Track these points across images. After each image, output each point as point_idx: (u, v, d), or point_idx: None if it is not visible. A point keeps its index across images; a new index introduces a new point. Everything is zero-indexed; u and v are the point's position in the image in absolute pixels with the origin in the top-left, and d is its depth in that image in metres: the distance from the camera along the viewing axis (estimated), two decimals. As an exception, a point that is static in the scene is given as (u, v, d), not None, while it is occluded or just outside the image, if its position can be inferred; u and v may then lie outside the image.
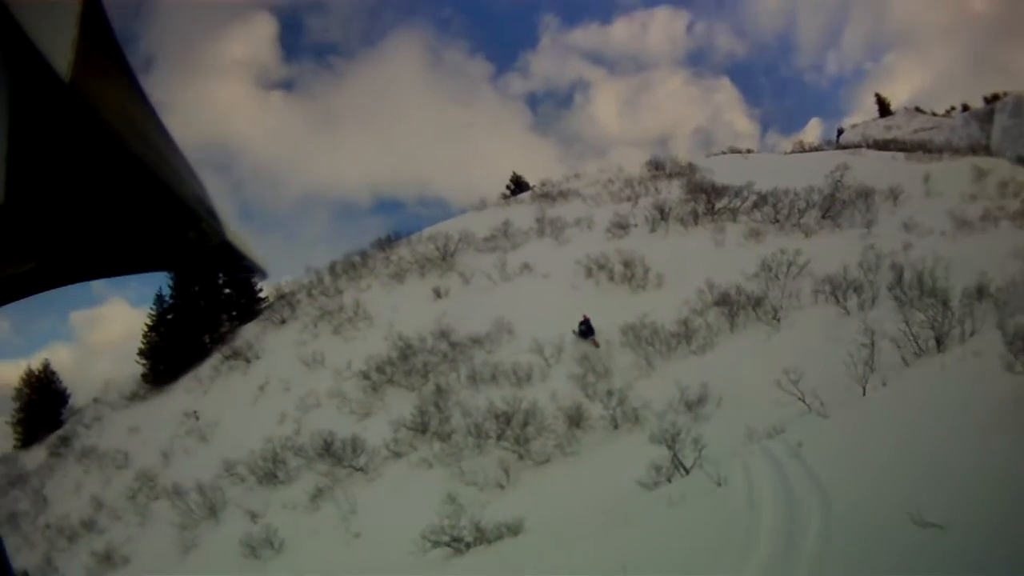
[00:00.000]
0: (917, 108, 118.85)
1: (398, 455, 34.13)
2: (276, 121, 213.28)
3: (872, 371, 25.14)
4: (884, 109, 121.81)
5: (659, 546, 16.01)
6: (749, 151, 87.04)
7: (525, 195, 73.09)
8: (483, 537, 22.72)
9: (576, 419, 31.69)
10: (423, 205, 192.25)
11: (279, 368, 47.49)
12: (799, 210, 50.19)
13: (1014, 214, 44.96)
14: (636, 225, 54.06)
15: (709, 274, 40.95)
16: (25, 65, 1.09)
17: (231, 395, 47.80)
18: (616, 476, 24.89)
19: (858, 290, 35.71)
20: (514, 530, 22.58)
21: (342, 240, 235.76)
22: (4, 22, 1.02)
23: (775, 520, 14.46)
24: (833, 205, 50.43)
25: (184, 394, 51.35)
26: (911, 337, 26.52)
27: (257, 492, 35.35)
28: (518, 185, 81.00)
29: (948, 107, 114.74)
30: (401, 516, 28.09)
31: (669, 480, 22.39)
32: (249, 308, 63.36)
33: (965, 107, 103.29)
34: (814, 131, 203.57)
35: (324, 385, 42.71)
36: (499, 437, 32.04)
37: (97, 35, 1.24)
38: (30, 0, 1.07)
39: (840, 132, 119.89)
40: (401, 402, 37.55)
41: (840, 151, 77.75)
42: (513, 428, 31.98)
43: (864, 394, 23.91)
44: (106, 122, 1.26)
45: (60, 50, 1.13)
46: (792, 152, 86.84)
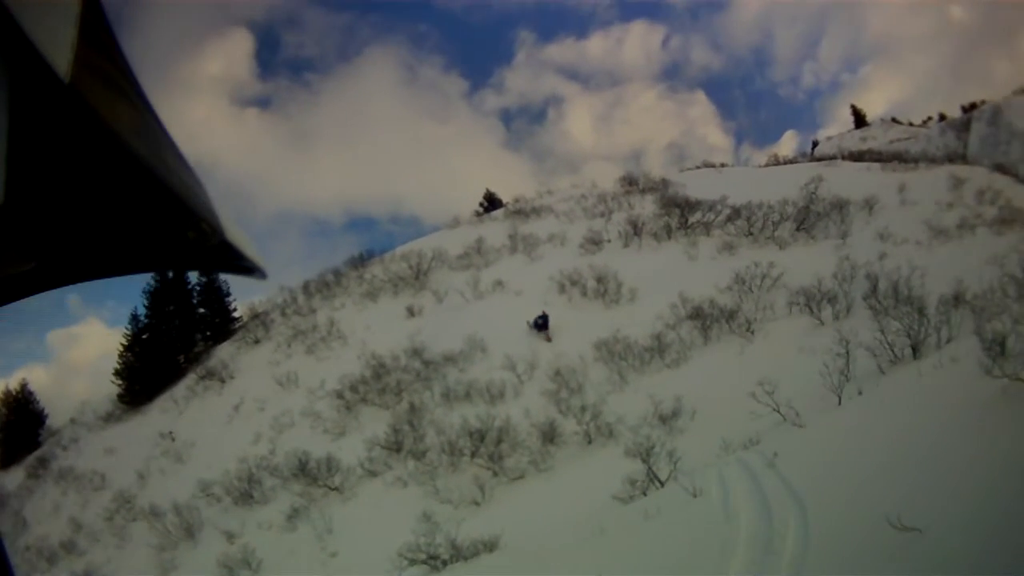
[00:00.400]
0: (893, 119, 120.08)
1: (373, 474, 33.85)
2: (250, 138, 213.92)
3: (847, 380, 24.98)
4: (860, 121, 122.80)
5: (636, 559, 15.85)
6: (723, 165, 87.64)
7: (498, 212, 73.31)
8: (459, 554, 22.55)
9: (550, 435, 31.52)
10: (396, 223, 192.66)
11: (253, 388, 47.25)
12: (773, 223, 50.29)
13: (991, 221, 45.10)
14: (609, 241, 54.11)
15: (682, 288, 40.97)
16: (25, 65, 1.06)
17: (206, 415, 47.54)
18: (591, 491, 24.78)
19: (832, 301, 35.72)
20: (490, 546, 22.42)
21: (315, 258, 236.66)
22: (4, 22, 1.00)
23: (752, 530, 14.28)
24: (807, 217, 50.51)
25: (160, 414, 51.07)
26: (887, 345, 26.40)
27: (233, 512, 35.02)
28: (491, 202, 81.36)
29: (925, 117, 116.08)
30: (377, 535, 27.89)
31: (644, 493, 22.29)
32: (223, 328, 63.37)
33: (942, 117, 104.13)
34: (789, 144, 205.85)
35: (298, 405, 42.51)
36: (473, 454, 31.84)
37: (97, 35, 1.22)
38: (30, 0, 1.04)
39: (815, 144, 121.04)
40: (375, 421, 37.31)
41: (815, 163, 78.46)
42: (487, 445, 31.79)
43: (840, 403, 23.81)
44: (105, 122, 1.22)
45: (60, 50, 1.11)
46: (767, 165, 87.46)
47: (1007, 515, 10.15)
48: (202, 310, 64.51)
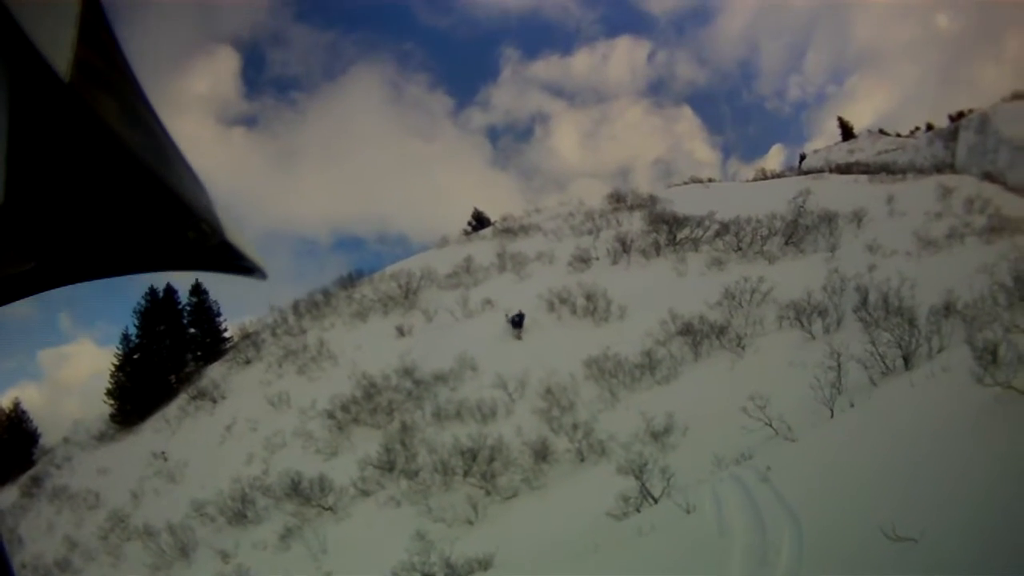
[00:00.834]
0: (880, 130, 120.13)
1: (366, 494, 33.82)
2: (237, 157, 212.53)
3: (839, 393, 24.95)
4: (847, 133, 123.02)
5: (630, 575, 15.75)
6: (711, 180, 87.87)
7: (487, 231, 73.56)
8: (454, 573, 22.59)
9: (542, 453, 31.53)
10: (383, 242, 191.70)
11: (245, 408, 47.22)
12: (762, 237, 50.38)
13: (980, 230, 45.11)
14: (598, 258, 54.21)
15: (672, 304, 40.95)
16: (25, 65, 1.06)
17: (198, 435, 47.53)
18: (584, 508, 24.76)
19: (823, 314, 35.72)
20: (484, 565, 22.43)
21: (303, 278, 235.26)
22: (4, 22, 1.00)
23: (746, 544, 14.21)
24: (796, 231, 50.59)
25: (152, 434, 51.03)
26: (878, 357, 26.47)
27: (227, 532, 35.00)
28: (479, 221, 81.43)
29: (912, 128, 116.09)
30: (371, 554, 27.97)
31: (638, 510, 22.24)
32: (214, 348, 63.47)
33: (929, 127, 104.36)
34: (776, 158, 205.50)
35: (290, 425, 42.52)
36: (466, 473, 31.78)
37: (97, 35, 1.21)
38: (30, 0, 1.04)
39: (803, 158, 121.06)
40: (367, 441, 37.25)
41: (803, 177, 78.78)
42: (479, 464, 31.73)
43: (832, 416, 23.75)
44: (105, 122, 1.21)
45: (60, 50, 1.10)
46: (754, 180, 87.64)
47: (1001, 522, 10.11)
48: (193, 330, 64.64)
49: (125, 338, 61.05)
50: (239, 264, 1.65)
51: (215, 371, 57.01)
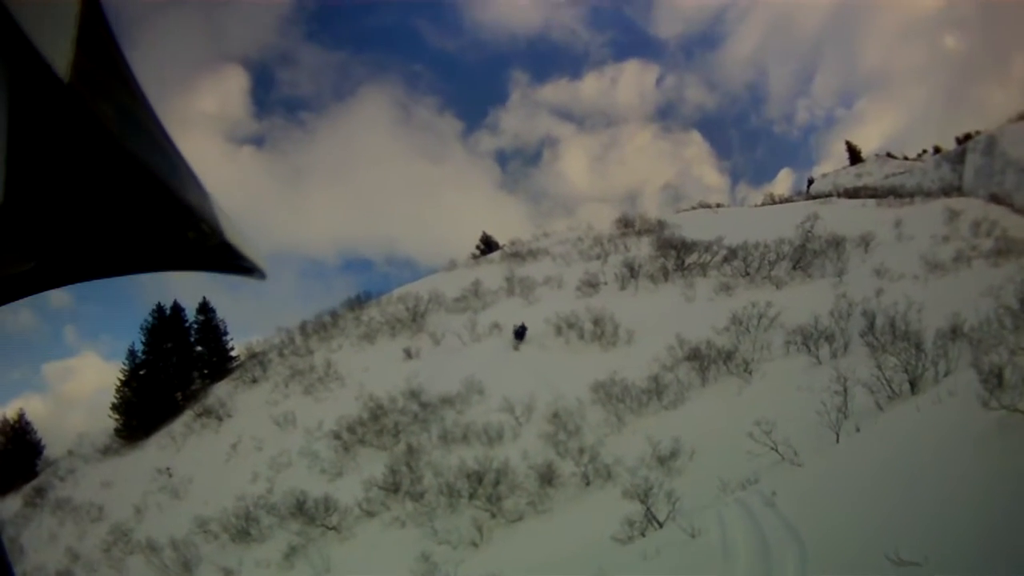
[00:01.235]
0: (888, 154, 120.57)
1: (371, 514, 33.78)
2: (245, 177, 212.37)
3: (845, 418, 24.96)
4: (855, 157, 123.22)
5: (634, 599, 15.71)
6: (719, 205, 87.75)
7: (495, 255, 73.79)
8: (459, 594, 22.45)
9: (548, 477, 31.37)
10: (391, 264, 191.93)
11: (251, 427, 47.30)
12: (769, 262, 50.29)
13: (987, 253, 44.94)
14: (606, 283, 54.30)
15: (679, 329, 40.89)
16: (24, 65, 1.06)
17: (204, 453, 47.57)
18: (590, 532, 24.67)
19: (830, 339, 35.61)
20: (489, 587, 22.29)
21: (311, 299, 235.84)
22: (4, 22, 0.99)
23: (751, 569, 14.16)
24: (804, 256, 50.52)
25: (157, 450, 51.16)
26: (884, 381, 26.37)
27: (231, 550, 34.99)
28: (488, 245, 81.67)
29: (919, 151, 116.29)
30: (375, 575, 28.02)
31: (643, 534, 22.16)
32: (221, 366, 63.57)
33: (937, 149, 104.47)
34: (785, 182, 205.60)
35: (296, 445, 42.53)
36: (471, 496, 31.66)
37: (97, 35, 1.21)
38: (30, 0, 1.04)
39: (811, 182, 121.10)
40: (373, 462, 37.21)
41: (810, 201, 78.50)
42: (485, 487, 31.62)
43: (838, 441, 23.69)
44: (105, 122, 1.21)
45: (59, 50, 1.10)
46: (762, 205, 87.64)
47: (1006, 548, 10.06)
48: (199, 348, 64.76)
49: (131, 354, 61.45)
50: (239, 264, 1.66)
51: (221, 389, 57.21)
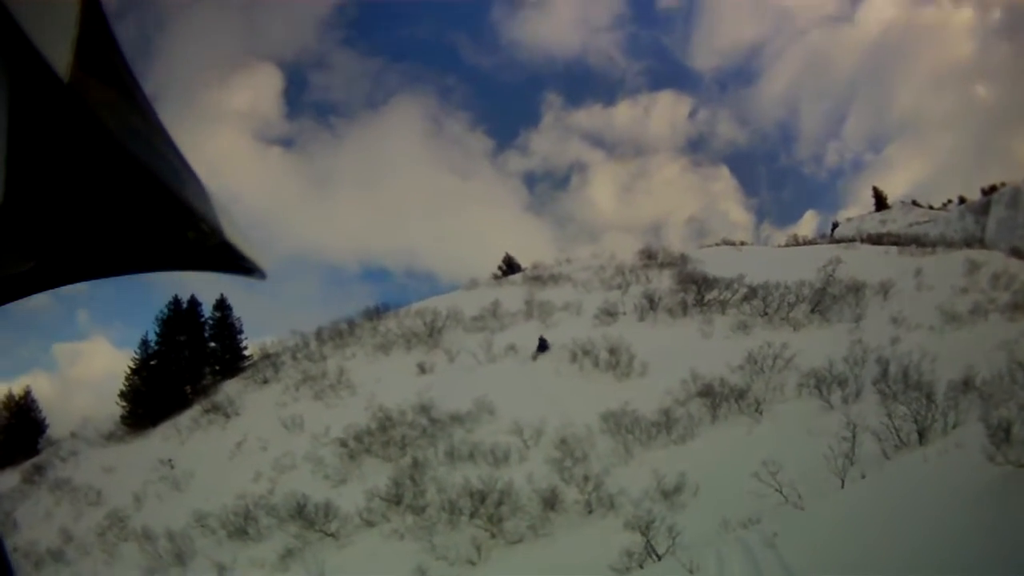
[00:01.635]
0: (913, 202, 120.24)
1: (371, 524, 33.84)
2: (272, 177, 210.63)
3: (852, 464, 24.88)
4: (880, 203, 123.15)
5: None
6: (743, 243, 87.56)
7: (516, 276, 73.84)
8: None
9: (551, 502, 31.32)
10: (411, 277, 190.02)
11: (258, 427, 47.37)
12: (789, 304, 50.11)
13: (1004, 307, 44.76)
14: (624, 313, 54.12)
15: (694, 365, 40.64)
16: (24, 65, 1.07)
17: (208, 448, 47.70)
18: (588, 560, 24.78)
19: (842, 384, 35.41)
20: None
21: (328, 304, 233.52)
22: (4, 22, 1.00)
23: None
24: (823, 299, 50.31)
25: (161, 441, 51.33)
26: (893, 430, 26.29)
27: (227, 546, 35.04)
28: (510, 266, 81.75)
29: (945, 200, 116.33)
30: (370, 584, 27.59)
31: (641, 566, 22.28)
32: (233, 364, 63.67)
33: (962, 200, 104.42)
34: (809, 224, 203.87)
35: (301, 448, 42.57)
36: (473, 514, 31.64)
37: (97, 35, 1.23)
38: (30, 0, 1.05)
39: (835, 226, 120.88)
40: (377, 473, 37.28)
41: (834, 245, 78.10)
42: (487, 507, 31.61)
43: (843, 486, 23.69)
44: (105, 122, 1.24)
45: (59, 50, 1.12)
46: (786, 245, 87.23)
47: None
48: (213, 344, 65.04)
49: (144, 343, 61.88)
50: (239, 264, 1.68)
51: (231, 387, 57.36)
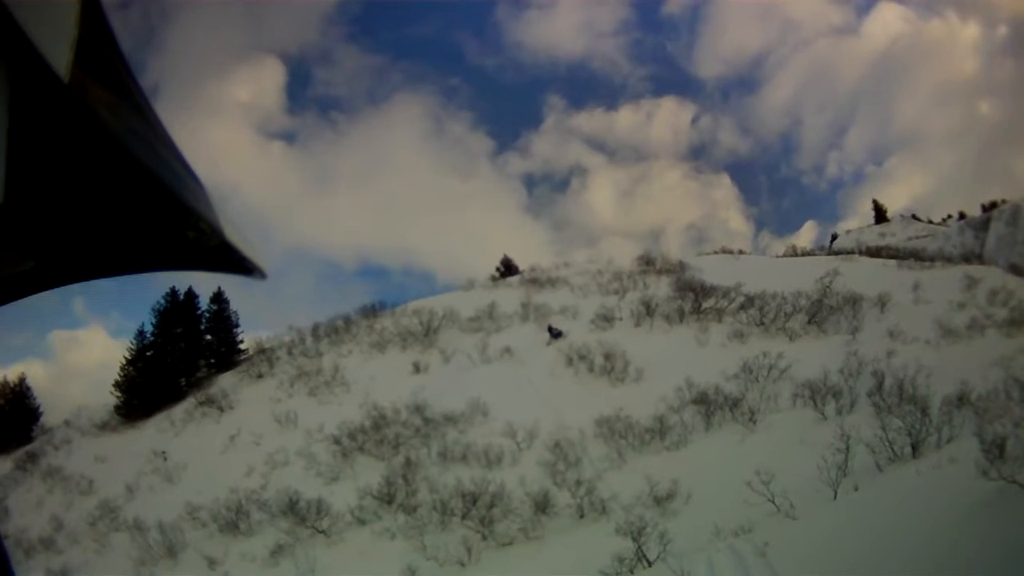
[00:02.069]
0: (913, 216, 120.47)
1: (362, 522, 33.92)
2: (272, 171, 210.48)
3: (845, 475, 24.86)
4: (880, 215, 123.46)
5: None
6: (741, 252, 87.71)
7: (514, 279, 74.02)
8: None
9: (543, 505, 31.39)
10: (408, 275, 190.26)
11: (252, 421, 47.48)
12: (785, 314, 49.99)
13: (1001, 323, 44.71)
14: (621, 319, 54.14)
15: (689, 372, 40.69)
16: (25, 65, 1.07)
17: (201, 441, 47.78)
18: (579, 564, 24.83)
19: (837, 395, 35.36)
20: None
21: (324, 301, 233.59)
22: (4, 22, 1.00)
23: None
24: (820, 310, 50.20)
25: (155, 432, 51.41)
26: (887, 443, 26.30)
27: (217, 540, 35.23)
28: (508, 268, 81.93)
29: (945, 215, 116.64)
30: (359, 582, 27.66)
31: (632, 572, 22.36)
32: (228, 358, 63.96)
33: (961, 215, 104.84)
34: (808, 234, 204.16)
35: (295, 444, 42.77)
36: (464, 516, 31.74)
37: (96, 35, 1.23)
38: (30, 0, 1.05)
39: (834, 237, 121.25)
40: (369, 471, 37.33)
41: (832, 256, 78.06)
42: (479, 508, 31.66)
43: (835, 498, 23.70)
44: (105, 122, 1.24)
45: (59, 50, 1.12)
46: (784, 255, 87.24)
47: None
48: (209, 337, 65.25)
49: (140, 334, 61.96)
50: (239, 264, 1.67)
51: (226, 381, 57.67)
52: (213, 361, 63.59)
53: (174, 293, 63.43)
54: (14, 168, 1.14)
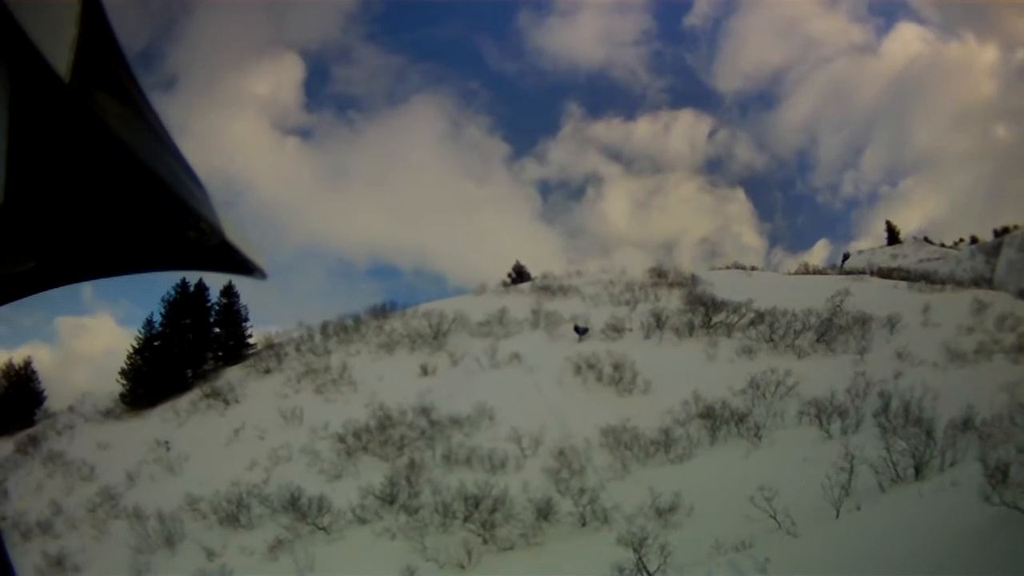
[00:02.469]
0: (926, 238, 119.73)
1: (363, 521, 33.96)
2: (287, 167, 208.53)
3: (847, 495, 24.86)
4: (893, 237, 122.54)
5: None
6: (753, 268, 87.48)
7: (525, 285, 73.90)
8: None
9: (545, 512, 31.37)
10: (419, 276, 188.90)
11: (257, 416, 47.47)
12: (795, 331, 49.94)
13: (1009, 348, 44.58)
14: (631, 330, 54.11)
15: (697, 386, 40.65)
16: (25, 65, 1.09)
17: (205, 433, 47.77)
18: (578, 572, 24.87)
19: (843, 415, 35.39)
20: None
21: (335, 298, 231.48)
22: (4, 22, 1.02)
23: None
24: (829, 329, 50.11)
25: (159, 422, 51.45)
26: (891, 464, 26.29)
27: (217, 532, 35.30)
28: (520, 274, 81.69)
29: (957, 238, 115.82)
30: (357, 580, 27.69)
31: (631, 583, 22.19)
32: (236, 351, 63.91)
33: (973, 239, 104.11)
34: (821, 253, 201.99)
35: (299, 441, 42.78)
36: (466, 519, 31.73)
37: (97, 35, 1.25)
38: (30, 0, 1.07)
39: (846, 257, 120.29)
40: (373, 470, 37.35)
41: (844, 276, 77.83)
42: (481, 512, 31.68)
43: (837, 516, 23.71)
44: (105, 122, 1.26)
45: (60, 50, 1.14)
46: (796, 273, 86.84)
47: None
48: (217, 330, 65.37)
49: (149, 323, 62.04)
50: (239, 264, 1.70)
51: (233, 374, 57.59)
52: (221, 354, 63.53)
53: (184, 284, 63.43)
54: (15, 168, 1.18)
